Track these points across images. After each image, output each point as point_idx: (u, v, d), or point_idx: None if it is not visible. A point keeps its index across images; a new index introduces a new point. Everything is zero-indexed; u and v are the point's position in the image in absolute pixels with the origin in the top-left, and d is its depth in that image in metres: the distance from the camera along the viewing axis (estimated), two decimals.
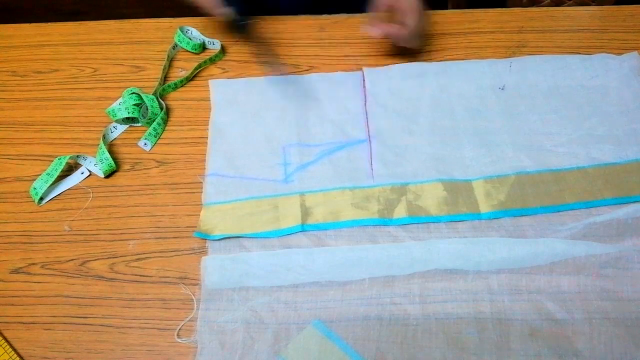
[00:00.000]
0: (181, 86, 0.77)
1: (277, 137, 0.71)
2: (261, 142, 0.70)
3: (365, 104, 0.73)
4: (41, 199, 0.66)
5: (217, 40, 0.81)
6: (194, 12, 0.83)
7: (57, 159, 0.67)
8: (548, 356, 0.53)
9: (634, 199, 0.62)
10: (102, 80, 0.78)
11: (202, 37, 0.81)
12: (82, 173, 0.68)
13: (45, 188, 0.66)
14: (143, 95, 0.72)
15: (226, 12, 0.74)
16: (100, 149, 0.68)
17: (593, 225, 0.60)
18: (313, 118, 0.72)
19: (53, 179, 0.66)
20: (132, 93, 0.73)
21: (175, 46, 0.80)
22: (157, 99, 0.73)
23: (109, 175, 0.68)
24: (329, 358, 0.54)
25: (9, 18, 0.92)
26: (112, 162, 0.67)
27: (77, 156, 0.69)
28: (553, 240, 0.59)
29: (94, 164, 0.68)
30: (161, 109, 0.73)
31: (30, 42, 0.83)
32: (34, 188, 0.66)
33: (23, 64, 0.81)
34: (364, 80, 0.75)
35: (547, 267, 0.58)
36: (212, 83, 0.76)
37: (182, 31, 0.80)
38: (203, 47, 0.81)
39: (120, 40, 0.83)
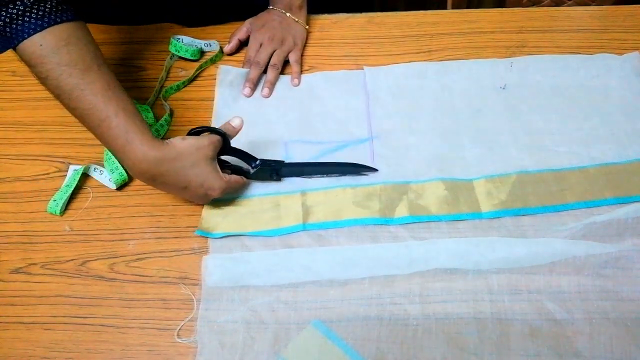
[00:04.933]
0: (183, 87, 0.77)
1: (280, 133, 0.71)
2: (263, 137, 0.71)
3: (368, 102, 0.73)
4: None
5: (215, 42, 0.81)
6: (192, 20, 0.83)
7: (73, 172, 0.67)
8: (548, 356, 0.53)
9: (635, 199, 0.62)
10: None
11: (197, 41, 0.81)
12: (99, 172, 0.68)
13: (64, 199, 0.65)
14: (137, 106, 0.71)
15: (246, 178, 0.65)
16: (109, 158, 0.67)
17: (593, 225, 0.60)
18: (316, 115, 0.72)
19: (71, 190, 0.66)
20: None
21: (172, 56, 0.79)
22: (154, 105, 0.73)
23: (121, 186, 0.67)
24: (329, 358, 0.54)
25: None
26: (124, 174, 0.66)
27: (88, 167, 0.68)
28: (553, 240, 0.59)
29: (104, 175, 0.67)
30: (166, 110, 0.73)
31: None
32: (54, 200, 0.65)
33: (23, 64, 0.80)
34: (366, 78, 0.75)
35: (547, 267, 0.58)
36: (221, 69, 0.77)
37: (175, 40, 0.79)
38: (201, 52, 0.81)
39: (120, 40, 0.83)
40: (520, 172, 0.65)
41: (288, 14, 0.79)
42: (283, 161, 0.66)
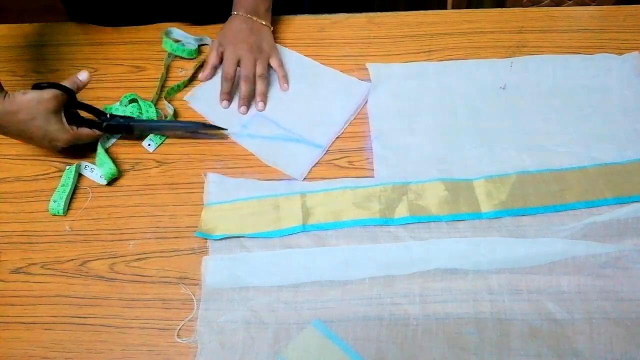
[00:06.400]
0: (184, 87, 0.77)
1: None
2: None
3: (349, 122, 0.72)
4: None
5: (207, 37, 0.81)
6: (188, 18, 0.83)
7: (67, 170, 0.67)
8: (548, 356, 0.53)
9: (635, 199, 0.62)
10: (102, 80, 0.78)
11: (189, 37, 0.81)
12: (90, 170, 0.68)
13: (64, 198, 0.65)
14: (141, 103, 0.72)
15: (95, 131, 0.68)
16: (100, 153, 0.68)
17: (593, 225, 0.60)
18: (299, 103, 0.74)
19: (69, 189, 0.66)
20: (131, 100, 0.72)
21: (170, 54, 0.80)
22: (157, 105, 0.73)
23: (111, 181, 0.67)
24: (329, 358, 0.54)
25: (8, 18, 0.92)
26: (114, 167, 0.66)
27: (79, 165, 0.68)
28: (553, 240, 0.59)
29: (94, 172, 0.67)
30: (171, 112, 0.73)
31: (30, 42, 0.83)
32: (54, 201, 0.65)
33: (23, 64, 0.81)
34: (366, 99, 0.74)
35: (547, 267, 0.58)
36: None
37: (168, 37, 0.79)
38: (197, 51, 0.81)
39: (120, 40, 0.83)
40: (520, 172, 0.65)
41: (255, 18, 0.77)
42: (133, 117, 0.69)
